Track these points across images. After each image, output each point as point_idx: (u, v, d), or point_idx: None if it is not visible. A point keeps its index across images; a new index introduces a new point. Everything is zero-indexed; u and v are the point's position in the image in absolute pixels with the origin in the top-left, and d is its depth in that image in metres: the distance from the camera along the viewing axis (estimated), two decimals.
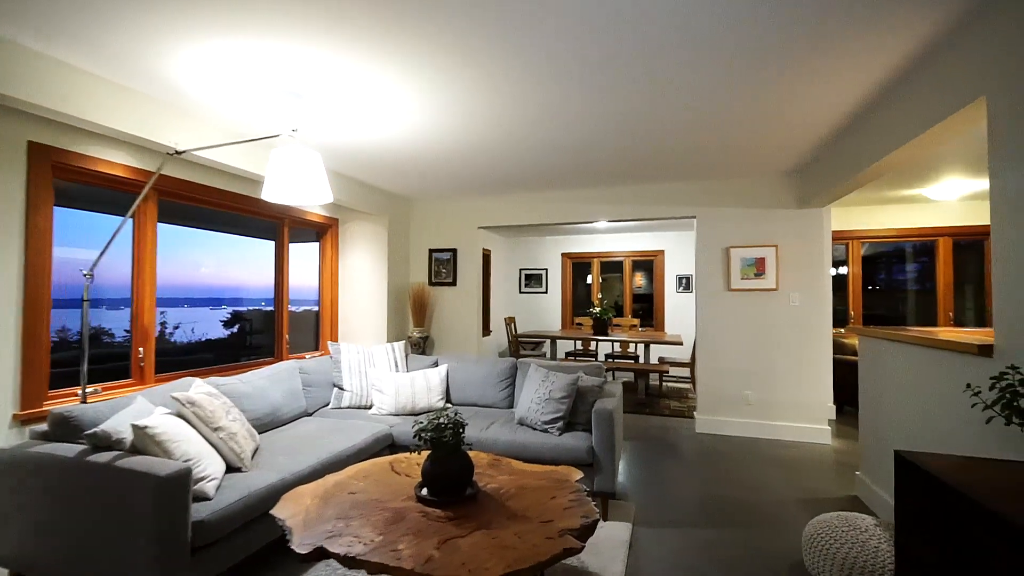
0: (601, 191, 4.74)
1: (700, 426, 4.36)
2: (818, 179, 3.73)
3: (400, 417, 3.21)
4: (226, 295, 4.12)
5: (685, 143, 3.41)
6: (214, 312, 3.94)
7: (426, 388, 3.35)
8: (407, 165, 4.00)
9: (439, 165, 4.00)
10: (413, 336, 5.03)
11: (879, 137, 2.70)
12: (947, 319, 5.37)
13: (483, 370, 3.47)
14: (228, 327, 4.04)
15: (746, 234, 4.29)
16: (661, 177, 4.34)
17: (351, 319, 5.06)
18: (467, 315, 5.20)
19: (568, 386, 2.78)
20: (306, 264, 5.02)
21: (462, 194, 5.09)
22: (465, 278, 5.22)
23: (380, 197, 4.91)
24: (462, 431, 1.78)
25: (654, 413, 5.03)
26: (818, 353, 4.08)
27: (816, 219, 4.12)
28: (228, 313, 4.03)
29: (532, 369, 3.11)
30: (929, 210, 5.35)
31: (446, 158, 3.77)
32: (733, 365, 4.29)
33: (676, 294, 7.59)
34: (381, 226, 5.03)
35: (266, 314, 4.32)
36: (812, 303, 4.10)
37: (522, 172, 4.19)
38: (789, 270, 4.16)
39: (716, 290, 4.36)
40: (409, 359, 3.71)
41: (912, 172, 4.18)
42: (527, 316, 8.50)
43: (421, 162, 3.92)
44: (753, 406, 4.23)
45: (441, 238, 5.34)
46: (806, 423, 4.09)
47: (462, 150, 3.59)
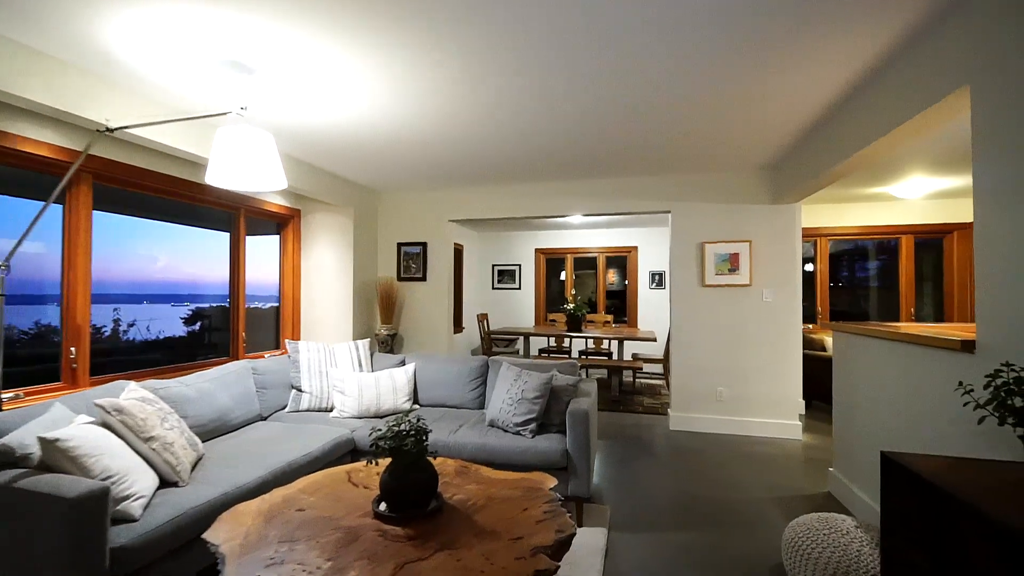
0: (575, 184, 4.63)
1: (674, 423, 4.32)
2: (793, 174, 3.72)
3: (363, 420, 3.01)
4: (187, 291, 3.88)
5: (660, 135, 3.32)
6: (175, 309, 3.78)
7: (392, 389, 3.16)
8: (372, 154, 3.78)
9: (407, 154, 3.80)
10: (381, 334, 4.81)
11: (857, 129, 2.67)
12: (909, 315, 5.51)
13: (452, 369, 3.30)
14: (189, 324, 3.86)
15: (721, 229, 4.25)
16: (636, 170, 4.25)
17: (315, 316, 4.79)
18: (437, 311, 5.01)
19: (541, 386, 2.64)
20: (267, 258, 4.73)
21: (432, 186, 4.89)
22: (435, 273, 5.03)
23: (345, 187, 4.66)
24: (425, 439, 1.62)
25: (628, 410, 4.97)
26: (789, 349, 4.09)
27: (789, 215, 4.12)
28: (189, 310, 3.86)
29: (504, 368, 2.97)
30: (892, 209, 5.47)
31: (414, 147, 3.58)
32: (706, 361, 4.26)
33: (649, 290, 7.59)
34: (347, 218, 4.79)
35: (227, 311, 4.06)
36: (784, 299, 4.10)
37: (493, 164, 4.03)
38: (762, 266, 4.14)
39: (690, 286, 4.31)
40: (375, 358, 3.51)
41: (879, 170, 4.23)
42: (500, 312, 8.36)
43: (387, 151, 3.71)
44: (726, 402, 4.21)
45: (410, 231, 5.13)
46: (777, 419, 4.09)
47: (430, 139, 3.41)
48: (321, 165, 4.16)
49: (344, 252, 4.77)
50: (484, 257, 8.47)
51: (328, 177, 4.37)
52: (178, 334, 3.74)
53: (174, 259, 3.75)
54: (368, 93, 2.63)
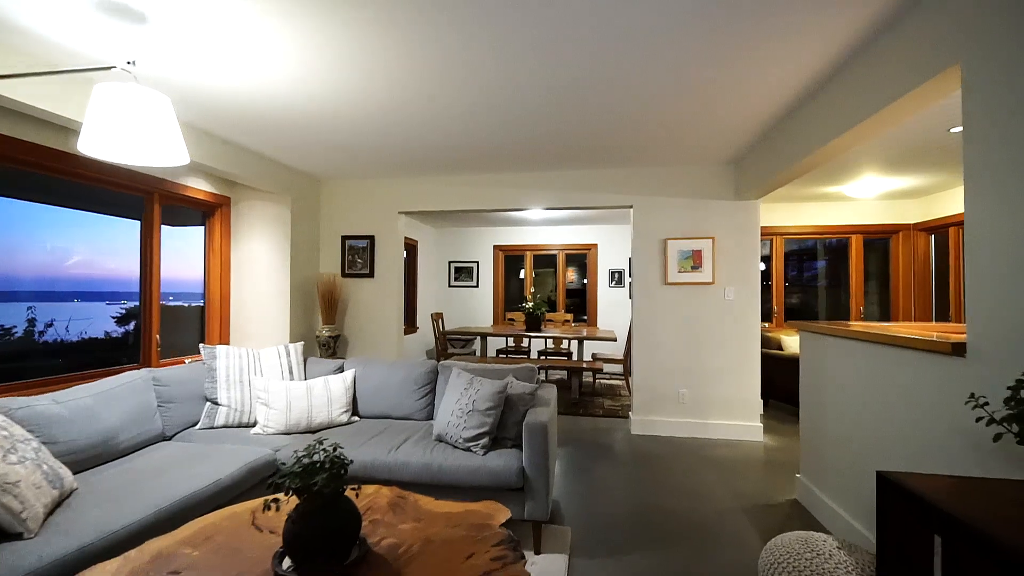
0: (533, 176, 4.37)
1: (635, 427, 4.14)
2: (756, 169, 3.60)
3: (292, 436, 2.62)
4: (112, 287, 3.47)
5: (622, 124, 3.11)
6: (110, 307, 3.48)
7: (326, 399, 2.77)
8: (308, 134, 3.36)
9: (350, 138, 3.40)
10: (322, 336, 4.37)
11: (822, 123, 2.54)
12: (858, 314, 5.62)
13: (397, 376, 2.95)
14: (123, 324, 3.54)
15: (684, 225, 4.11)
16: (597, 163, 4.04)
17: (246, 316, 4.29)
18: (386, 310, 4.62)
19: (495, 395, 2.35)
20: (196, 251, 4.19)
21: (381, 175, 4.49)
22: (384, 269, 4.63)
23: (282, 173, 4.18)
24: (344, 471, 1.29)
25: (588, 413, 4.77)
26: (749, 349, 4.00)
27: (752, 212, 4.03)
28: (123, 309, 3.54)
29: (454, 374, 2.66)
30: (843, 209, 5.55)
31: (357, 129, 3.19)
32: (668, 362, 4.11)
33: (609, 289, 7.46)
34: (283, 207, 4.31)
35: (163, 309, 3.71)
36: (745, 297, 4.00)
37: (446, 152, 3.70)
38: (725, 263, 4.03)
39: (653, 283, 4.15)
40: (309, 364, 3.10)
41: (836, 169, 4.22)
42: (457, 311, 8.01)
43: (326, 132, 3.30)
44: (687, 405, 4.07)
45: (356, 224, 4.70)
46: (739, 420, 3.99)
47: (376, 122, 3.03)
48: (252, 146, 3.68)
49: (280, 245, 4.30)
50: (440, 253, 8.10)
51: (262, 161, 3.89)
52: (102, 336, 3.33)
53: (94, 253, 3.29)
54: (296, 60, 2.24)
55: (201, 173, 3.94)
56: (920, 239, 5.37)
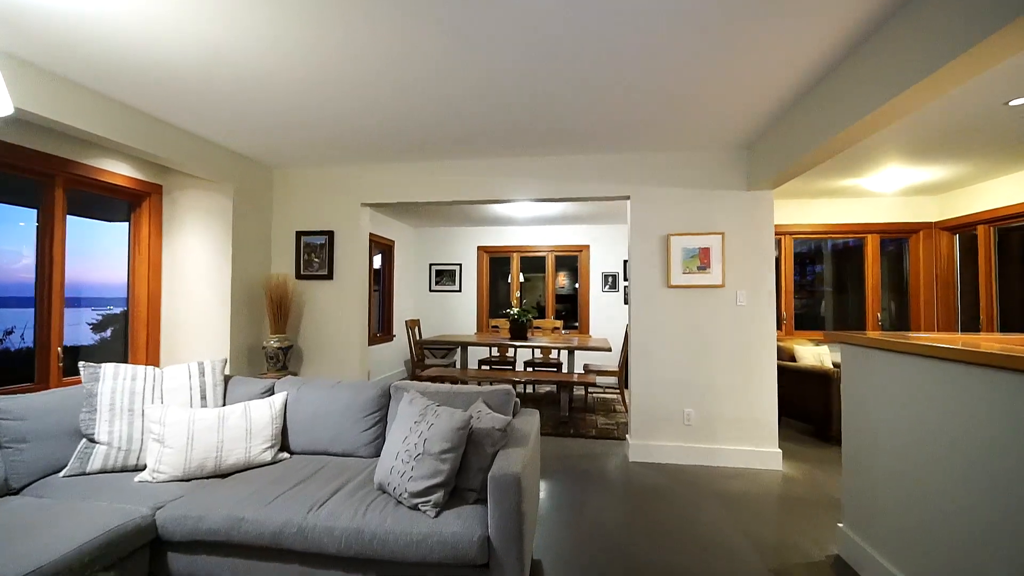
0: (517, 162, 3.81)
1: (634, 452, 3.57)
2: (774, 153, 3.07)
3: (193, 483, 2.01)
4: (16, 292, 2.97)
5: (618, 102, 2.56)
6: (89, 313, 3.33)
7: (245, 432, 2.17)
8: (252, 110, 2.77)
9: (301, 115, 2.82)
10: (270, 347, 3.75)
11: (863, 90, 2.00)
12: (875, 321, 5.12)
13: (340, 400, 2.35)
14: (98, 331, 3.42)
15: (689, 219, 3.57)
16: (589, 146, 3.49)
17: (181, 326, 3.67)
18: (348, 317, 4.02)
19: (453, 432, 1.76)
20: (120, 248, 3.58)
21: (340, 161, 3.90)
22: (345, 269, 4.04)
23: (222, 157, 3.58)
24: None
25: (579, 434, 4.20)
26: (764, 362, 3.45)
27: (766, 204, 3.50)
28: (99, 315, 3.42)
29: (405, 401, 2.07)
30: (857, 206, 5.06)
31: (308, 104, 2.61)
32: (671, 377, 3.55)
33: (602, 293, 6.92)
34: (226, 198, 3.71)
35: (125, 316, 3.46)
36: (759, 302, 3.46)
37: (418, 133, 3.13)
38: (736, 263, 3.49)
39: (653, 286, 3.59)
40: (233, 385, 2.49)
41: (856, 159, 3.72)
42: (438, 318, 7.41)
43: (273, 107, 2.72)
44: (693, 427, 3.51)
45: (313, 218, 4.11)
46: (753, 445, 3.44)
47: (330, 91, 2.46)
48: (184, 125, 3.08)
49: (222, 242, 3.69)
50: (420, 255, 7.50)
51: (192, 140, 3.28)
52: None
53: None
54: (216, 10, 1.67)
55: (121, 155, 3.33)
56: (943, 239, 4.89)
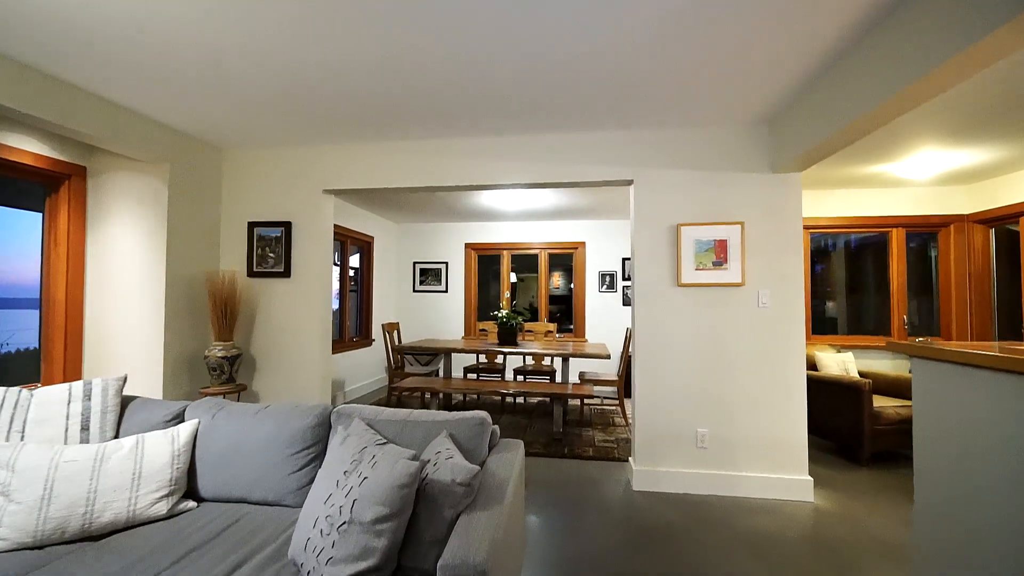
0: (504, 143, 3.28)
1: (638, 479, 3.05)
2: (800, 128, 2.57)
3: (46, 552, 1.47)
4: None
5: (617, 67, 2.05)
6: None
7: (132, 476, 1.63)
8: (191, 80, 2.24)
9: (244, 83, 2.28)
10: (212, 356, 3.20)
11: (913, 48, 1.51)
12: (901, 325, 4.63)
13: (263, 430, 1.82)
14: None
15: (702, 207, 3.06)
16: (584, 122, 2.97)
17: (108, 332, 3.13)
18: (307, 321, 3.47)
19: (393, 491, 1.23)
20: (32, 241, 3.03)
21: (298, 140, 3.37)
22: (305, 265, 3.50)
23: (157, 134, 3.03)
24: None
25: (574, 454, 3.67)
26: (791, 373, 2.95)
27: (792, 188, 2.99)
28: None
29: (338, 437, 1.53)
30: (881, 197, 4.58)
31: (253, 71, 2.07)
32: (682, 391, 3.04)
33: (599, 294, 6.40)
34: (161, 182, 3.17)
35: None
36: (784, 303, 2.96)
37: (389, 105, 2.60)
38: (758, 257, 2.99)
39: (661, 285, 3.08)
40: (133, 409, 1.95)
41: (886, 140, 3.24)
42: (423, 320, 6.87)
43: (213, 76, 2.18)
44: (709, 450, 3.00)
45: (267, 206, 3.56)
46: (779, 472, 2.93)
47: (281, 59, 1.93)
48: (98, 90, 2.53)
49: (157, 233, 3.14)
50: (403, 252, 6.97)
51: (118, 112, 2.73)
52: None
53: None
54: None
55: (31, 129, 2.79)
56: (976, 233, 4.41)
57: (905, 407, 3.52)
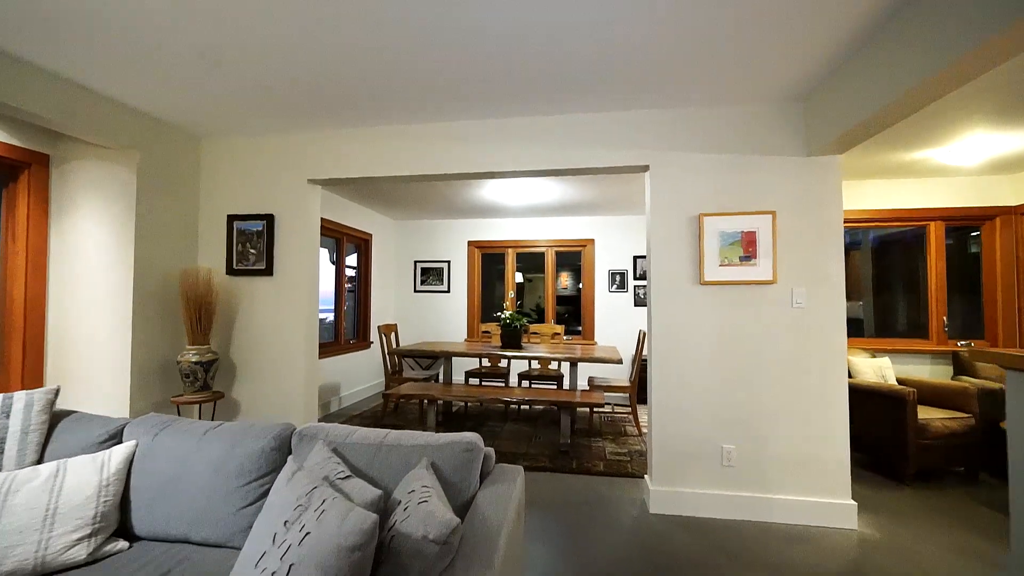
0: (506, 126, 2.97)
1: (655, 501, 2.71)
2: (841, 104, 2.23)
3: None
4: None
5: (630, 38, 1.74)
6: None
7: (45, 513, 1.34)
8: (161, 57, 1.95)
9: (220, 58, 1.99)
10: (185, 362, 2.92)
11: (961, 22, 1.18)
12: (940, 328, 4.24)
13: (210, 455, 1.52)
14: None
15: (727, 194, 2.72)
16: (594, 101, 2.64)
17: (73, 336, 2.86)
18: (291, 322, 3.19)
19: (342, 555, 0.91)
20: None
21: (280, 127, 3.08)
22: (289, 263, 3.21)
23: (124, 118, 2.76)
24: None
25: (582, 468, 3.34)
26: (830, 381, 2.60)
27: (830, 173, 2.65)
28: None
29: (287, 470, 1.23)
30: (916, 187, 4.21)
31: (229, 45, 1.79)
32: (705, 401, 2.70)
33: (609, 294, 6.07)
34: (129, 171, 2.89)
35: None
36: (823, 303, 2.61)
37: (378, 84, 2.29)
38: (792, 251, 2.64)
39: (681, 282, 2.75)
40: (65, 428, 1.66)
41: (931, 122, 2.89)
42: (424, 322, 6.58)
43: (183, 51, 1.90)
44: (736, 468, 2.66)
45: (248, 198, 3.28)
46: (818, 495, 2.58)
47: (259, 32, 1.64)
48: (58, 69, 2.24)
49: (124, 227, 2.87)
50: (403, 251, 6.68)
51: (79, 93, 2.46)
52: None
53: None
54: None
55: None
56: None
57: (954, 419, 3.15)
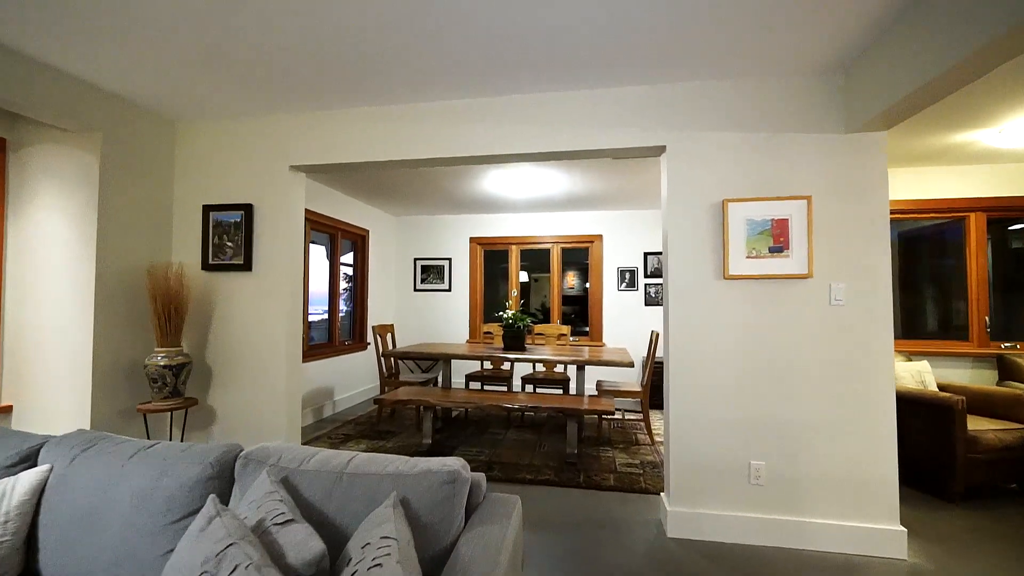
0: (506, 104, 2.68)
1: (674, 524, 2.41)
2: (885, 75, 1.91)
3: None
4: None
5: None
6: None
7: None
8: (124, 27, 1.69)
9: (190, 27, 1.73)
10: (153, 365, 2.66)
11: None
12: (982, 328, 3.89)
13: (135, 484, 1.23)
14: None
15: (755, 177, 2.41)
16: (605, 75, 2.34)
17: (31, 338, 2.61)
18: (272, 322, 2.91)
19: None
20: None
21: (261, 107, 2.81)
22: (269, 257, 2.94)
23: (86, 97, 2.50)
24: None
25: (590, 483, 3.04)
26: (876, 389, 2.28)
27: (875, 152, 2.33)
28: None
29: (200, 519, 0.94)
30: (950, 176, 3.86)
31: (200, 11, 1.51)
32: (730, 412, 2.39)
33: (617, 292, 5.76)
34: (92, 156, 2.64)
35: None
36: (866, 300, 2.29)
37: (364, 57, 2.01)
38: (829, 242, 2.33)
39: (702, 277, 2.44)
40: None
41: (983, 99, 2.57)
42: (425, 323, 6.30)
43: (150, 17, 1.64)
44: (766, 487, 2.35)
45: (224, 186, 3.02)
46: (862, 519, 2.26)
47: None
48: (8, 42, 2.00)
49: (86, 217, 2.62)
50: (403, 247, 6.41)
51: (22, 63, 2.19)
52: None
53: None
54: None
55: None
56: None
57: (1008, 431, 2.81)
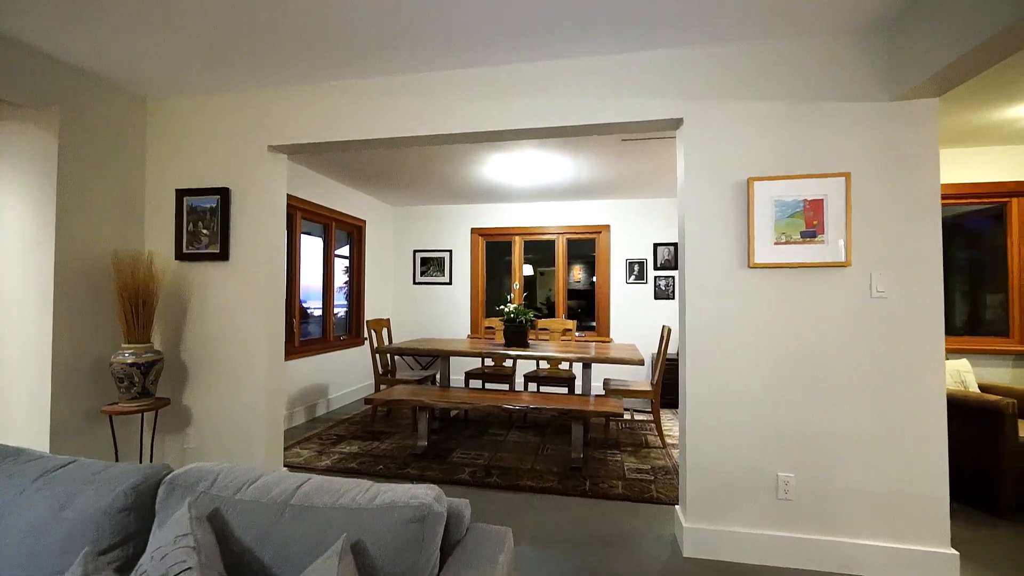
0: (506, 73, 2.41)
1: (690, 542, 2.15)
2: (940, 28, 1.62)
3: None
4: None
5: None
6: None
7: None
8: None
9: None
10: (119, 363, 2.43)
11: None
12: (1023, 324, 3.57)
13: (32, 518, 1.00)
14: None
15: (784, 153, 2.13)
16: (615, 37, 2.07)
17: None
18: (251, 316, 2.68)
19: None
20: None
21: (236, 78, 2.56)
22: (247, 245, 2.70)
23: (43, 68, 2.27)
24: None
25: (596, 491, 2.79)
26: (923, 394, 2.00)
27: (924, 122, 2.03)
28: None
29: (75, 568, 0.71)
30: (990, 160, 3.54)
31: None
32: (754, 419, 2.12)
33: (626, 285, 5.48)
34: (50, 134, 2.41)
35: None
36: (912, 293, 2.01)
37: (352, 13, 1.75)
38: (871, 226, 2.05)
39: (724, 266, 2.17)
40: None
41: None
42: (426, 317, 6.07)
43: None
44: (795, 503, 2.08)
45: (198, 168, 2.78)
46: (907, 541, 1.99)
47: None
48: None
49: (45, 202, 2.39)
50: (402, 238, 6.17)
51: None
52: None
53: None
54: None
55: None
56: None
57: None
